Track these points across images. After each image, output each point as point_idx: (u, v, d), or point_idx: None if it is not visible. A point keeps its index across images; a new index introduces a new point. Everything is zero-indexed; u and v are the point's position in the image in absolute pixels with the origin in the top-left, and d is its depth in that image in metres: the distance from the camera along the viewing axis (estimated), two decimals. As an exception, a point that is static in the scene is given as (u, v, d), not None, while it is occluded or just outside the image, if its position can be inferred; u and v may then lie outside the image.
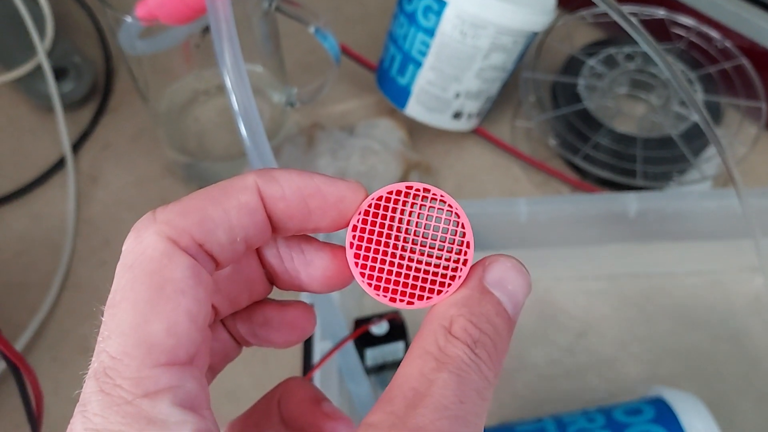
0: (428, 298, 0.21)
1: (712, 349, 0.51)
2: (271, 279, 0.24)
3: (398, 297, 0.21)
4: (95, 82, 0.65)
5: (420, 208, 0.21)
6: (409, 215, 0.21)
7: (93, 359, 0.18)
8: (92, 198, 0.60)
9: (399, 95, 0.58)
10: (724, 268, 0.54)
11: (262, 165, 0.36)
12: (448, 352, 0.19)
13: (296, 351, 0.50)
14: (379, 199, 0.21)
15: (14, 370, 0.32)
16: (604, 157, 0.56)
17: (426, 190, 0.21)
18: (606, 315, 0.52)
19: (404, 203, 0.21)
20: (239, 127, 0.35)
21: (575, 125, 0.58)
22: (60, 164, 0.61)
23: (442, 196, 0.21)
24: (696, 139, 0.57)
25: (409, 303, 0.21)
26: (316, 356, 0.40)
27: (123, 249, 0.19)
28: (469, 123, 0.59)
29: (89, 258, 0.56)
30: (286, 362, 0.51)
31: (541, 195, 0.59)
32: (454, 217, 0.21)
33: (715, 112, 0.59)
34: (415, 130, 0.60)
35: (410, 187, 0.21)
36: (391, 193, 0.21)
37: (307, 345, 0.43)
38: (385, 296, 0.21)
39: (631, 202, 0.47)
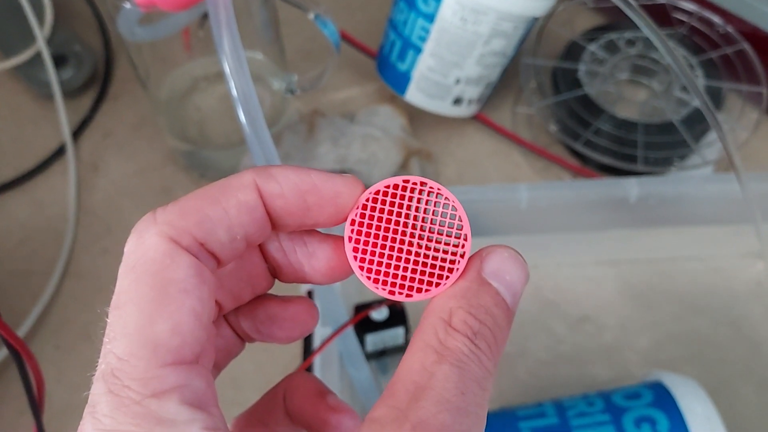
0: (427, 290, 0.21)
1: (713, 334, 0.51)
2: (274, 273, 0.24)
3: (397, 290, 0.21)
4: (95, 70, 0.65)
5: (417, 201, 0.21)
6: (407, 208, 0.21)
7: (100, 361, 0.18)
8: (93, 186, 0.60)
9: (399, 82, 0.58)
10: (726, 253, 0.54)
11: (262, 152, 0.36)
12: (448, 344, 0.19)
13: (297, 337, 0.50)
14: (377, 193, 0.21)
15: (16, 356, 0.32)
16: (605, 143, 0.56)
17: (423, 183, 0.21)
18: (607, 301, 0.52)
19: (402, 197, 0.21)
20: (238, 114, 0.35)
21: (576, 111, 0.58)
22: (60, 152, 0.61)
23: (439, 188, 0.21)
24: (697, 124, 0.57)
25: (408, 295, 0.21)
26: (317, 341, 0.40)
27: (125, 250, 0.19)
28: (469, 109, 0.59)
29: (91, 246, 0.56)
30: (288, 348, 0.51)
31: (541, 181, 0.59)
32: (451, 210, 0.21)
33: (717, 98, 0.59)
34: (416, 116, 0.60)
35: (407, 181, 0.21)
36: (388, 186, 0.21)
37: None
38: (384, 289, 0.21)
39: (631, 187, 0.47)
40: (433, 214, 0.21)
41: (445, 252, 0.21)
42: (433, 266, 0.21)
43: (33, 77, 0.63)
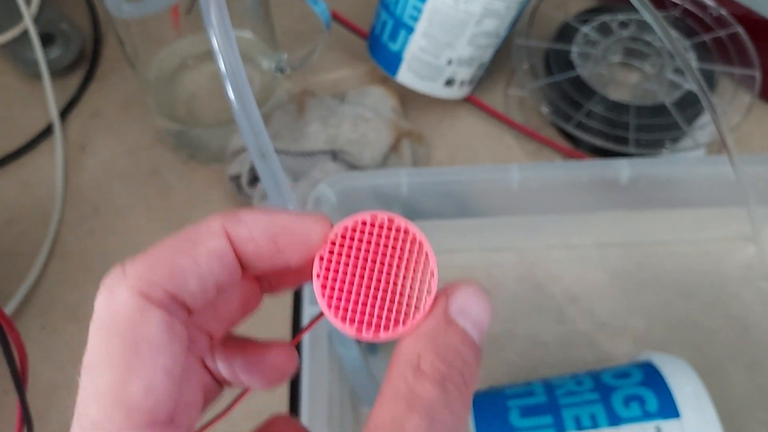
0: (394, 328, 0.21)
1: (704, 316, 0.51)
2: (265, 289, 0.24)
3: (364, 328, 0.21)
4: (83, 49, 0.64)
5: (385, 238, 0.21)
6: (375, 245, 0.21)
7: (73, 424, 0.18)
8: (81, 166, 0.59)
9: (391, 62, 0.57)
10: (717, 235, 0.53)
11: (251, 128, 0.35)
12: (417, 391, 0.19)
13: (286, 316, 0.50)
14: (345, 230, 0.21)
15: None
16: (597, 125, 0.56)
17: (390, 220, 0.21)
18: (597, 283, 0.52)
19: (370, 233, 0.21)
20: (227, 90, 0.35)
21: (568, 93, 0.58)
22: (48, 132, 0.60)
23: (406, 226, 0.21)
24: (689, 107, 0.56)
25: (375, 334, 0.21)
26: (305, 320, 0.40)
27: (95, 307, 0.19)
28: (461, 91, 0.59)
29: (78, 226, 0.56)
30: (277, 329, 0.51)
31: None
32: (417, 247, 0.21)
33: (710, 81, 0.59)
34: (407, 98, 0.60)
35: (375, 217, 0.21)
36: (356, 223, 0.21)
37: (296, 309, 0.43)
38: (352, 327, 0.21)
39: (622, 168, 0.46)
40: (399, 251, 0.21)
41: (412, 289, 0.21)
42: (400, 304, 0.21)
43: (20, 56, 0.62)
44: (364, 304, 0.21)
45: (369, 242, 0.21)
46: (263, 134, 0.36)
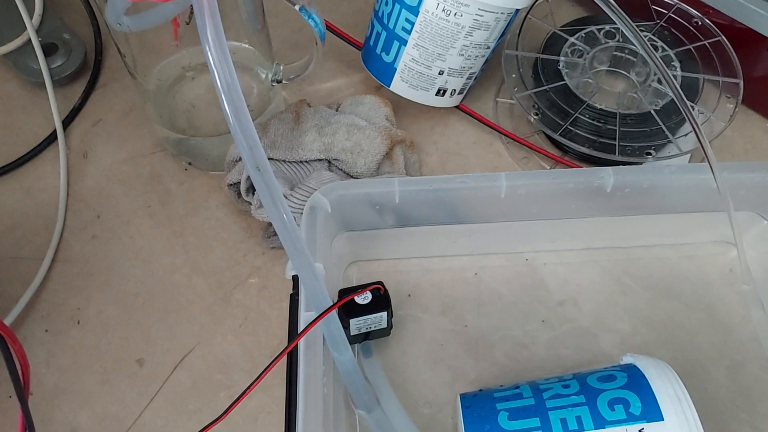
0: None
1: (687, 319, 0.52)
2: None
3: None
4: (85, 58, 0.66)
5: None
6: None
7: None
8: (83, 173, 0.60)
9: (384, 73, 0.59)
10: (699, 240, 0.55)
11: (246, 142, 0.37)
12: None
13: (283, 321, 0.51)
14: None
15: (1, 341, 0.33)
16: (583, 133, 0.57)
17: None
18: (584, 286, 0.54)
19: None
20: (223, 105, 0.36)
21: (556, 101, 0.59)
22: (51, 139, 0.62)
23: None
24: (674, 114, 0.58)
25: None
26: (302, 326, 0.42)
27: None
28: (452, 99, 0.60)
29: (81, 232, 0.57)
30: (274, 332, 0.52)
31: (522, 171, 0.60)
32: None
33: (694, 89, 0.60)
34: (400, 105, 0.61)
35: None
36: None
37: (293, 314, 0.45)
38: None
39: (607, 176, 0.48)
40: None
41: None
42: None
43: (23, 65, 0.64)
44: None
45: None
46: (258, 148, 0.37)
